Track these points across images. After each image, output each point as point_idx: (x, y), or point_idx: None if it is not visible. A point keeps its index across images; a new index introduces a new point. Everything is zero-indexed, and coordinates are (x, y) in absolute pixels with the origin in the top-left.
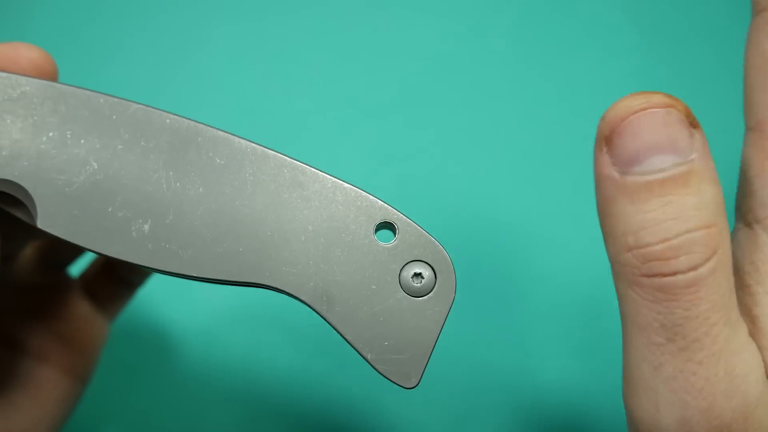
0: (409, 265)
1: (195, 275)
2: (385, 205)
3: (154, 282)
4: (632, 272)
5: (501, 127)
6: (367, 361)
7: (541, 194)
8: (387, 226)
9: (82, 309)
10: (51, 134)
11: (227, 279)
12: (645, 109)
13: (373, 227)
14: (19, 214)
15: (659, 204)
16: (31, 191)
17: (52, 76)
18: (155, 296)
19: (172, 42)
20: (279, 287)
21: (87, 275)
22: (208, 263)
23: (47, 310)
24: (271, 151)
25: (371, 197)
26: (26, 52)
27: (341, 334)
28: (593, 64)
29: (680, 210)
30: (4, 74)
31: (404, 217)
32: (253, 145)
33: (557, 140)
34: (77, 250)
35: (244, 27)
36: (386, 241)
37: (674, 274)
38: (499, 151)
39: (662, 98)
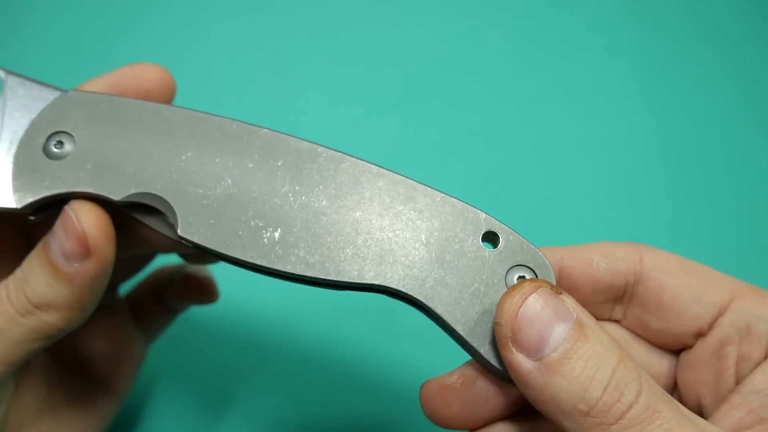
0: (513, 269)
1: (322, 278)
2: (489, 216)
3: None
4: (602, 428)
5: (501, 125)
6: (479, 354)
7: (541, 192)
8: (491, 235)
9: (127, 330)
10: (189, 154)
11: (350, 282)
12: (524, 300)
13: (480, 236)
14: (155, 224)
15: (581, 365)
16: (172, 203)
17: (173, 90)
18: None
19: (172, 42)
20: (399, 289)
21: (134, 298)
22: (333, 268)
23: (98, 329)
24: (384, 170)
25: (476, 210)
26: (156, 72)
27: (455, 330)
28: (593, 62)
29: (598, 359)
30: (151, 104)
31: (507, 227)
32: (368, 164)
33: (557, 139)
34: (130, 272)
35: (243, 26)
36: (491, 249)
37: (630, 407)
38: (499, 149)
39: (529, 284)
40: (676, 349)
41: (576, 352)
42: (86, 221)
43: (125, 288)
